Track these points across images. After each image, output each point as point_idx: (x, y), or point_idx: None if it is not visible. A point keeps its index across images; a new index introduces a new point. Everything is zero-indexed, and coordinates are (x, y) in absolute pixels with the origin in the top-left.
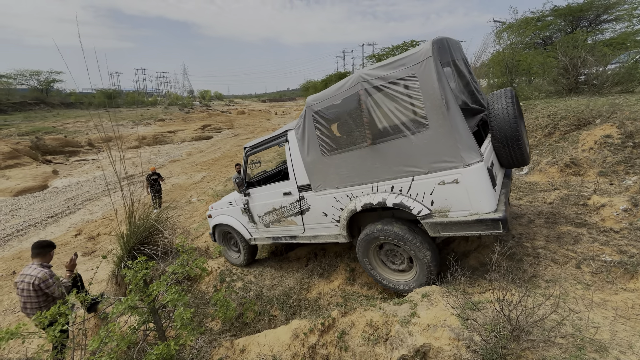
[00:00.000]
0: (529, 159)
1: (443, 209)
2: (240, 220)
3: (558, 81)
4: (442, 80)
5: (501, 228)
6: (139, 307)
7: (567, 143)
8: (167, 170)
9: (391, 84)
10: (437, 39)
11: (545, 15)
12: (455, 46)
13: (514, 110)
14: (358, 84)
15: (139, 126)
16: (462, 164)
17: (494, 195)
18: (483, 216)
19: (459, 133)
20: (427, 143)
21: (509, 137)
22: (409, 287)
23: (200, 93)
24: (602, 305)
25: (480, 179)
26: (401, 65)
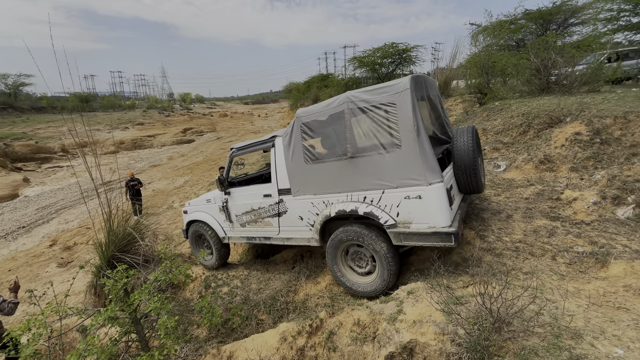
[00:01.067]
0: (483, 188)
1: (406, 221)
2: (216, 218)
3: (531, 81)
4: (416, 110)
5: (453, 241)
6: (119, 318)
7: (540, 140)
8: (148, 175)
9: (374, 107)
10: (415, 75)
11: (518, 19)
12: (431, 83)
13: (473, 145)
14: (345, 104)
15: (116, 130)
16: (425, 183)
17: (450, 213)
18: (439, 229)
19: (425, 156)
20: (398, 161)
21: (467, 167)
22: (374, 288)
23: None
24: (576, 294)
25: (439, 196)
26: (384, 93)
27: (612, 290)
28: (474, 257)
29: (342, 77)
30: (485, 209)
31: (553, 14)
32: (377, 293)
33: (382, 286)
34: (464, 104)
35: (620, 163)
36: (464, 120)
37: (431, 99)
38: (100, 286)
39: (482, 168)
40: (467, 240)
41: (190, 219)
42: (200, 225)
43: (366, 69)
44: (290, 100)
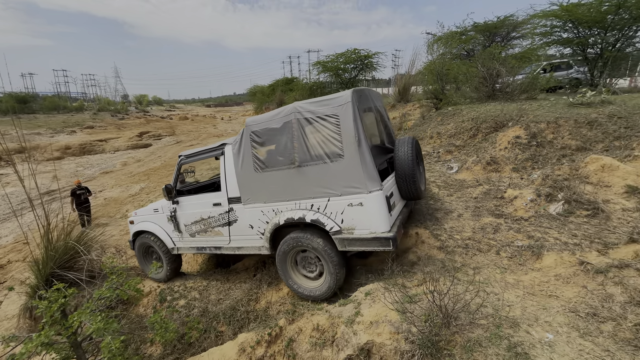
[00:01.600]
0: (423, 195)
1: (350, 227)
2: (164, 228)
3: (479, 89)
4: (357, 122)
5: (391, 245)
6: (56, 343)
7: (487, 143)
8: (99, 182)
9: (319, 118)
10: (358, 88)
11: (468, 30)
12: (375, 95)
13: (412, 155)
14: (292, 114)
15: (61, 135)
16: (366, 191)
17: (389, 219)
18: (379, 235)
19: (366, 166)
20: (341, 170)
21: (407, 175)
22: (323, 292)
23: (136, 98)
24: (515, 286)
25: (379, 204)
26: (328, 105)
27: (545, 279)
28: (427, 255)
29: (307, 81)
30: (439, 209)
31: (498, 27)
32: (326, 297)
33: (330, 290)
34: (421, 109)
35: (553, 163)
36: (421, 125)
37: (376, 110)
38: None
39: (422, 176)
40: (422, 239)
41: (137, 230)
42: (147, 236)
43: (330, 73)
44: (254, 104)
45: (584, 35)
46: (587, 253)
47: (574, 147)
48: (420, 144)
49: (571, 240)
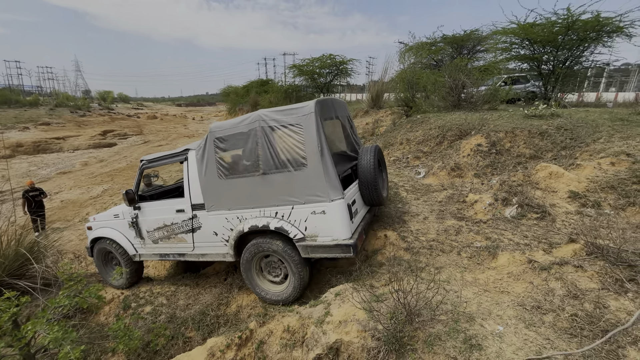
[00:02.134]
0: (385, 201)
1: (313, 234)
2: (125, 235)
3: (446, 98)
4: (320, 132)
5: (352, 252)
6: (7, 356)
7: (452, 150)
8: (55, 184)
9: (283, 126)
10: (321, 99)
11: (437, 42)
12: (341, 105)
13: (374, 163)
14: (257, 121)
15: (11, 131)
16: (328, 199)
17: (350, 226)
18: (340, 242)
19: (328, 174)
20: (305, 179)
21: (369, 182)
22: (287, 296)
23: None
24: (473, 283)
25: (341, 212)
26: (292, 114)
27: (499, 277)
28: (395, 256)
29: (282, 83)
30: (407, 212)
31: (464, 40)
32: (292, 299)
33: (296, 292)
34: (393, 115)
35: (509, 170)
36: (392, 131)
37: (341, 119)
38: None
39: (385, 183)
40: (390, 241)
41: (95, 236)
42: (107, 242)
43: (305, 77)
44: (228, 104)
45: (538, 52)
46: (535, 252)
47: (528, 155)
48: (390, 149)
49: (522, 241)
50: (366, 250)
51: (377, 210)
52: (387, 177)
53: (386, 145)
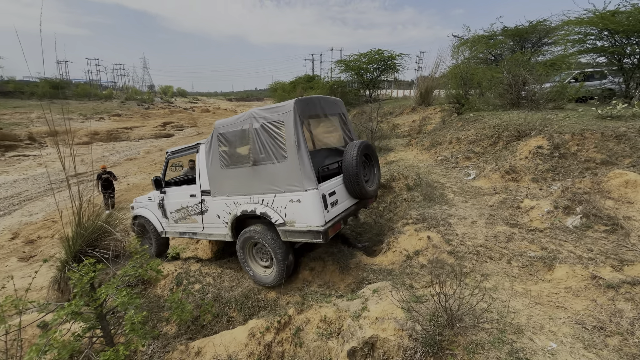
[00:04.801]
0: (368, 195)
1: (292, 221)
2: (155, 214)
3: (503, 96)
4: (297, 128)
5: (321, 238)
6: (84, 313)
7: (508, 152)
8: (123, 168)
9: (269, 123)
10: (302, 98)
11: (497, 35)
12: (332, 103)
13: (357, 159)
14: (249, 119)
15: (90, 121)
16: (302, 189)
17: (323, 215)
18: (313, 228)
19: (304, 166)
20: (284, 170)
21: (352, 176)
22: (272, 280)
23: (161, 88)
24: (524, 294)
25: (314, 201)
26: (276, 112)
27: (555, 291)
28: (437, 259)
29: (328, 79)
30: (453, 215)
31: (529, 33)
32: (275, 284)
33: (278, 278)
34: (442, 113)
35: (574, 176)
36: (441, 129)
37: (332, 116)
38: (64, 282)
39: (375, 177)
40: (433, 243)
41: (135, 214)
42: (143, 219)
43: (351, 73)
44: (275, 99)
45: (620, 43)
46: (601, 268)
47: (599, 161)
48: (438, 148)
49: (586, 254)
50: (406, 251)
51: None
52: (378, 172)
53: (433, 144)
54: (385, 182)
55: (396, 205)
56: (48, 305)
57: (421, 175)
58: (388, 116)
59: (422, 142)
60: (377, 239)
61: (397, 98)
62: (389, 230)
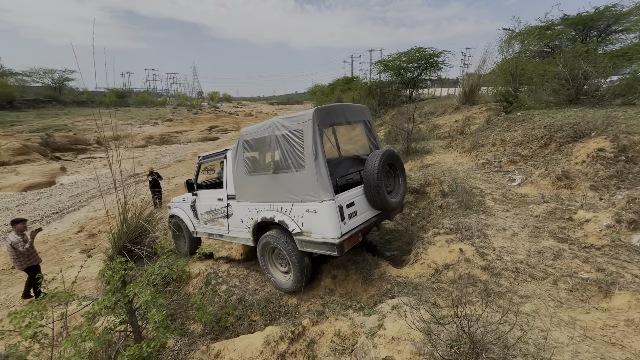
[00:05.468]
0: (390, 207)
1: (308, 230)
2: (188, 215)
3: (558, 92)
4: (315, 137)
5: (336, 251)
6: (116, 308)
7: (561, 155)
8: (172, 170)
9: (290, 132)
10: (325, 106)
11: (555, 24)
12: (356, 110)
13: (379, 169)
14: (271, 127)
15: (146, 126)
16: (319, 199)
17: (339, 227)
18: (328, 240)
19: (321, 177)
20: (302, 179)
21: (372, 187)
22: (289, 286)
23: (209, 94)
24: (570, 325)
25: (330, 212)
26: (296, 121)
27: (612, 323)
28: (469, 275)
29: (366, 80)
30: (491, 225)
31: (594, 20)
32: (293, 289)
33: (295, 285)
34: (488, 112)
35: None
36: (484, 130)
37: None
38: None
39: (399, 188)
40: (465, 256)
41: (170, 214)
42: (178, 219)
43: (391, 73)
44: (314, 102)
45: None
46: None
47: None
48: (480, 151)
49: None
50: (435, 264)
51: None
52: (404, 183)
53: (475, 146)
54: (419, 186)
55: (430, 212)
56: (86, 298)
57: (458, 180)
58: (429, 116)
59: (463, 144)
60: (407, 248)
61: (440, 97)
62: (418, 240)
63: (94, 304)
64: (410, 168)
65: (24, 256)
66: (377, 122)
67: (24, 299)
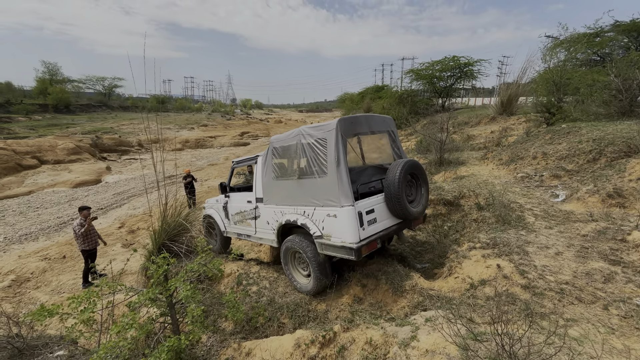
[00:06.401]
0: (411, 216)
1: (328, 234)
2: (220, 215)
3: (609, 103)
4: (338, 146)
5: (354, 255)
6: (158, 300)
7: (612, 171)
8: (205, 173)
9: (315, 140)
10: (349, 117)
11: (605, 31)
12: (381, 121)
13: (399, 178)
14: (298, 135)
15: (183, 130)
16: (339, 205)
17: (358, 232)
18: (347, 244)
19: (342, 183)
20: (325, 185)
21: (393, 196)
22: (310, 289)
23: (242, 101)
24: (623, 353)
25: (350, 217)
26: (321, 130)
27: None
28: (508, 292)
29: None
30: (532, 242)
31: None
32: (312, 293)
33: (315, 288)
34: (528, 123)
35: None
36: (524, 142)
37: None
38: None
39: (422, 198)
40: (504, 273)
41: (205, 214)
42: (211, 219)
43: (423, 81)
44: (343, 110)
45: None
46: None
47: None
48: (519, 164)
49: None
50: (470, 278)
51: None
52: (427, 193)
53: (513, 158)
54: (452, 198)
55: (464, 226)
56: (132, 289)
57: (495, 193)
58: (462, 126)
59: (500, 156)
60: (439, 261)
61: (474, 107)
62: (452, 253)
63: (139, 295)
64: (443, 179)
65: (80, 238)
66: (407, 131)
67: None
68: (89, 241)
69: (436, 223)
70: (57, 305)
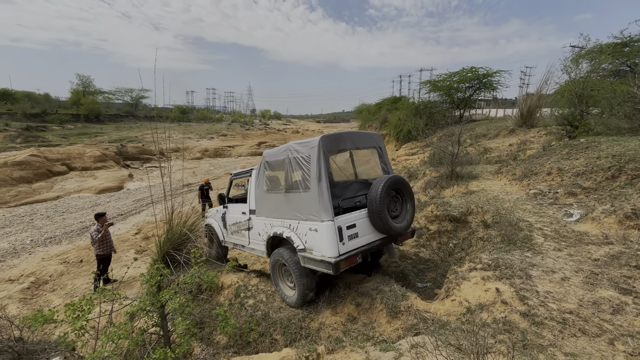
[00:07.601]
0: (394, 231)
1: (310, 248)
2: (219, 225)
3: (632, 117)
4: (320, 162)
5: (332, 269)
6: (150, 311)
7: (632, 190)
8: (222, 181)
9: (300, 156)
10: (332, 134)
11: (635, 40)
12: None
13: (381, 194)
14: (287, 151)
15: (203, 140)
16: (319, 219)
17: (337, 246)
18: (325, 258)
19: (323, 198)
20: (308, 199)
21: (375, 211)
22: (294, 301)
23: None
24: None
25: (329, 232)
26: (305, 146)
27: None
28: (505, 320)
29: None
30: (537, 265)
31: None
32: (297, 306)
33: (299, 301)
34: (548, 136)
35: None
36: (539, 156)
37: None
38: None
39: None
40: (502, 298)
41: (206, 223)
42: (210, 228)
43: (440, 93)
44: (359, 121)
45: None
46: None
47: None
48: (532, 179)
49: None
50: (467, 302)
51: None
52: (412, 209)
53: (527, 173)
54: (459, 215)
55: (470, 244)
56: (126, 298)
57: (502, 210)
58: (480, 139)
59: (514, 170)
60: (442, 281)
61: (494, 118)
62: (452, 274)
63: (132, 305)
64: (452, 194)
65: (97, 244)
66: (423, 142)
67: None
68: (104, 246)
69: (441, 240)
70: (53, 311)
